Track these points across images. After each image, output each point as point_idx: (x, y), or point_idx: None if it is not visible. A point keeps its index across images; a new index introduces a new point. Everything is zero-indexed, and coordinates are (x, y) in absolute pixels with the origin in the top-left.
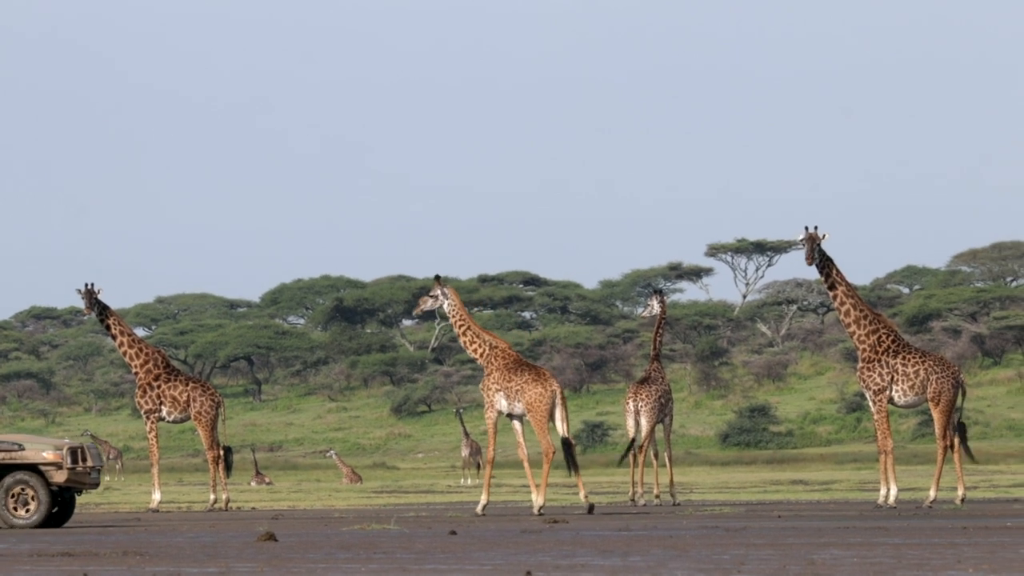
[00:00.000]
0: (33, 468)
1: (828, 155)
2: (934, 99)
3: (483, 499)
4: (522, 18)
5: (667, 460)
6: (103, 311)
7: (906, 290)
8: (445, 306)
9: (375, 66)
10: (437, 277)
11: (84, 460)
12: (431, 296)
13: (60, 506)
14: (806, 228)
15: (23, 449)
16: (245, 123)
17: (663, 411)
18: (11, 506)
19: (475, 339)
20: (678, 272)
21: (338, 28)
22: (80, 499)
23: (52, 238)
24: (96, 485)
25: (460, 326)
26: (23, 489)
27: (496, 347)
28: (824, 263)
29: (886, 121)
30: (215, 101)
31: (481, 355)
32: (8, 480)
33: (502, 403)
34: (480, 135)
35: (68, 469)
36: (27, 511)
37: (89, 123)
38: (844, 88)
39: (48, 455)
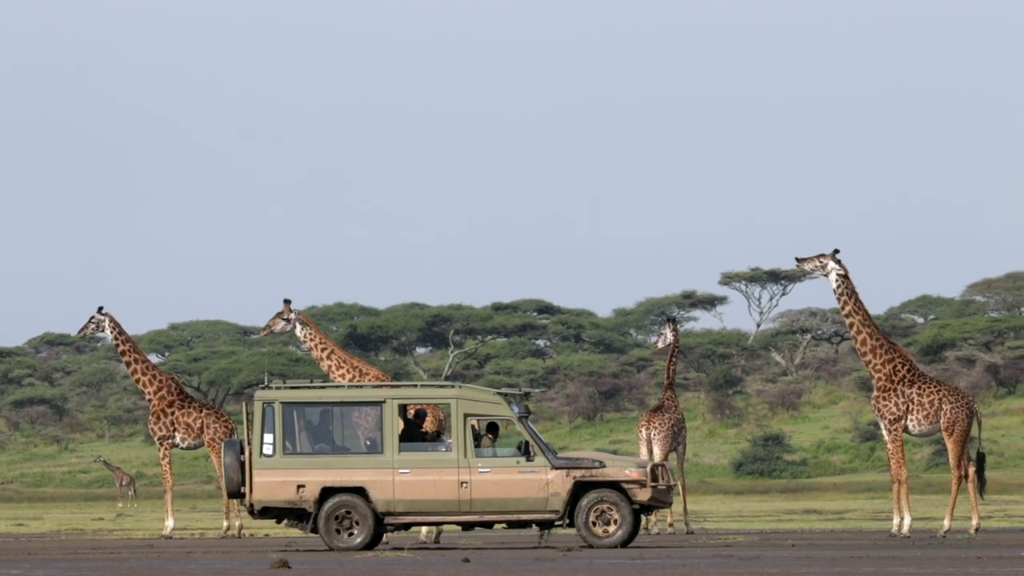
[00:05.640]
0: (615, 486)
1: (842, 184)
2: (950, 128)
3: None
4: (535, 46)
5: (681, 489)
6: (119, 336)
7: (921, 320)
8: (298, 331)
9: (387, 95)
10: (286, 301)
11: (664, 479)
12: (283, 319)
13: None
14: (835, 250)
15: (604, 467)
16: (260, 150)
17: (676, 439)
18: (593, 524)
19: (341, 364)
20: (692, 301)
21: (350, 57)
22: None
23: (65, 264)
24: (670, 504)
25: (323, 350)
26: (607, 508)
27: (367, 373)
28: (843, 292)
29: (901, 150)
30: (228, 129)
31: (351, 380)
32: (590, 498)
33: None
34: (494, 163)
35: (651, 487)
36: (609, 529)
37: (100, 151)
38: (859, 116)
39: (631, 473)
